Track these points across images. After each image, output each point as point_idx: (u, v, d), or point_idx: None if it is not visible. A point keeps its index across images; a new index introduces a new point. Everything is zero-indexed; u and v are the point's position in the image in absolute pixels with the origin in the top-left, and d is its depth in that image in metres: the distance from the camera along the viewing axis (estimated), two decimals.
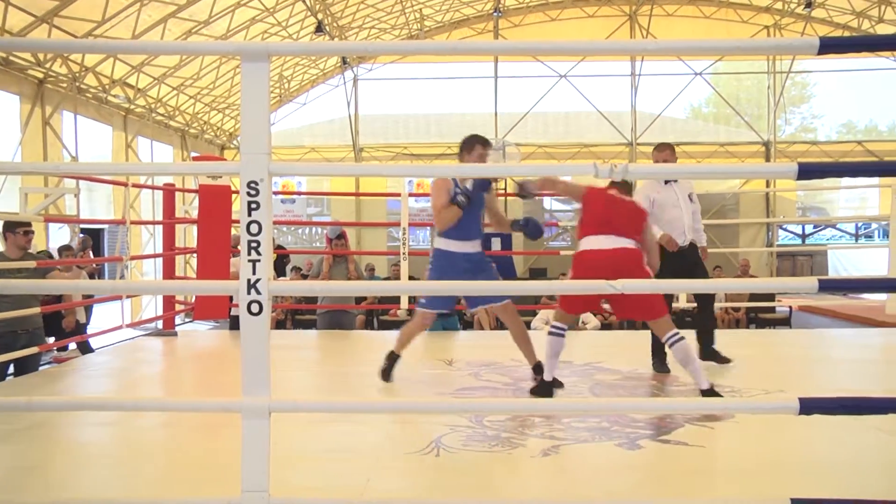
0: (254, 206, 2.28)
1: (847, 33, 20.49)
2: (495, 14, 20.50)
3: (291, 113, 22.25)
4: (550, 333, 4.74)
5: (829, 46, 2.21)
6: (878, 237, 21.81)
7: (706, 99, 23.48)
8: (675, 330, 4.57)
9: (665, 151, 5.68)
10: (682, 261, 5.51)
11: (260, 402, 2.29)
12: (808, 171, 2.26)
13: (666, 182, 5.64)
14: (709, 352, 5.70)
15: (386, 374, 5.14)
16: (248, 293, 2.28)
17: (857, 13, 20.13)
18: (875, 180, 9.75)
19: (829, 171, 2.59)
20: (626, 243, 4.65)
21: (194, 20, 15.16)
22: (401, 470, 3.40)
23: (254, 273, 2.28)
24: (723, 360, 5.67)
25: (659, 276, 4.98)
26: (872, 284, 3.80)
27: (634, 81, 21.52)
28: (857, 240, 22.91)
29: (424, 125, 22.44)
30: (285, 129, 22.19)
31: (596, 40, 18.37)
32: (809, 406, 2.24)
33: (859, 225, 23.39)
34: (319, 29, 17.64)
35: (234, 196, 7.66)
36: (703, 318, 5.85)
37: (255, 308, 2.28)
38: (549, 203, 22.01)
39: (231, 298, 7.38)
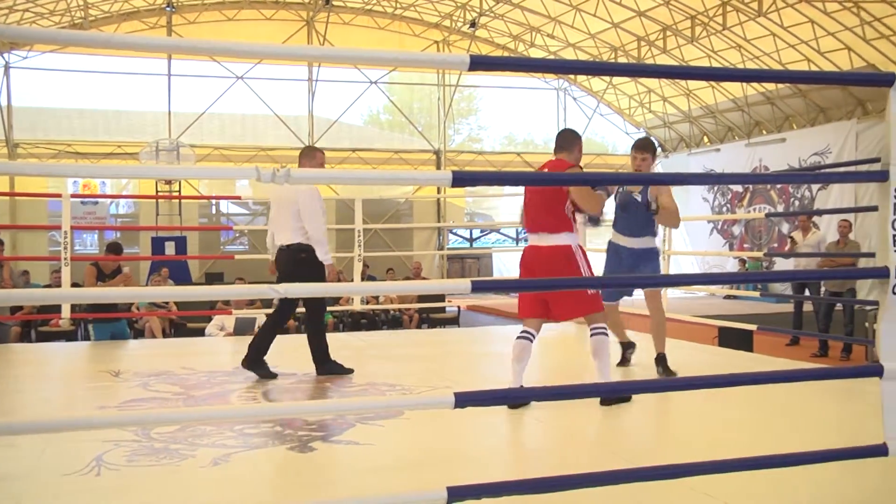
0: None
1: (506, 53, 22.27)
2: (168, 9, 19.65)
3: None
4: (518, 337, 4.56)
5: (479, 63, 2.38)
6: None
7: (383, 107, 24.30)
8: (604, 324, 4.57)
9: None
10: (283, 264, 5.58)
11: None
12: (461, 179, 2.41)
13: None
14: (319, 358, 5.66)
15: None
16: None
17: (514, 36, 21.94)
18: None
19: (479, 179, 2.79)
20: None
21: None
22: (55, 495, 3.14)
23: None
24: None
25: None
26: (519, 285, 4.16)
27: (312, 87, 21.73)
28: (517, 243, 24.91)
29: (91, 122, 20.91)
30: None
31: (273, 43, 18.24)
32: (464, 400, 2.39)
33: (520, 229, 25.48)
34: None
35: None
36: (309, 323, 5.82)
37: None
38: (225, 206, 21.57)
39: None
